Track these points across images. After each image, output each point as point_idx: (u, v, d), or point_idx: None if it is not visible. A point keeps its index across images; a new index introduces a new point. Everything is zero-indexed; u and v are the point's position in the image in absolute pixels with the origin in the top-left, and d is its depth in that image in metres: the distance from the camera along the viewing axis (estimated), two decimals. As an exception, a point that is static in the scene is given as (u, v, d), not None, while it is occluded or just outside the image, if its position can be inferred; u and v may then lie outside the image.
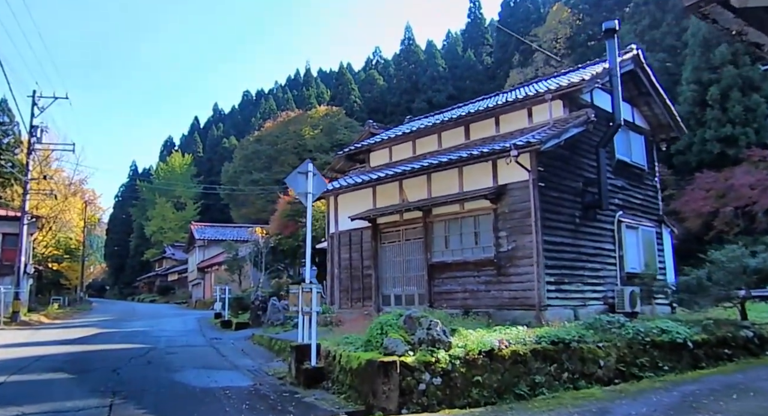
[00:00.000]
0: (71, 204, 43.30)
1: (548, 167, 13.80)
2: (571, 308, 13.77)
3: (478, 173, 14.65)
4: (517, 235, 13.73)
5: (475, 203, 14.62)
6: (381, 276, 17.09)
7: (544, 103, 15.00)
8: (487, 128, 16.42)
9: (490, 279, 14.17)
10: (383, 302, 16.91)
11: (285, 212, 33.48)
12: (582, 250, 14.60)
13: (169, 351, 15.76)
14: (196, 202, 79.16)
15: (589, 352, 10.76)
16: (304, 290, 10.73)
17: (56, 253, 44.41)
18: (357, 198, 17.92)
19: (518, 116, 15.77)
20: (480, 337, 10.04)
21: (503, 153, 13.42)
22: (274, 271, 34.42)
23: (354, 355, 9.65)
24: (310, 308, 10.71)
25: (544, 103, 15.00)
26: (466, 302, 14.48)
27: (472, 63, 69.02)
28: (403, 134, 18.58)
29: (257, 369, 12.82)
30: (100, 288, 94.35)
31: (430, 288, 15.46)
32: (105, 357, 14.55)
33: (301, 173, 11.35)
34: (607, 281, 15.25)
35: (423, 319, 9.64)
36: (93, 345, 17.52)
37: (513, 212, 13.88)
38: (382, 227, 17.18)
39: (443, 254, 15.42)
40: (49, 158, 38.60)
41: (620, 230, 15.85)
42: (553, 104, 14.82)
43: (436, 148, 17.52)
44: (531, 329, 11.16)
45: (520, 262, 13.62)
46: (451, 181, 15.28)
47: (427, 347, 9.30)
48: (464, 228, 15.03)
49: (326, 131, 62.99)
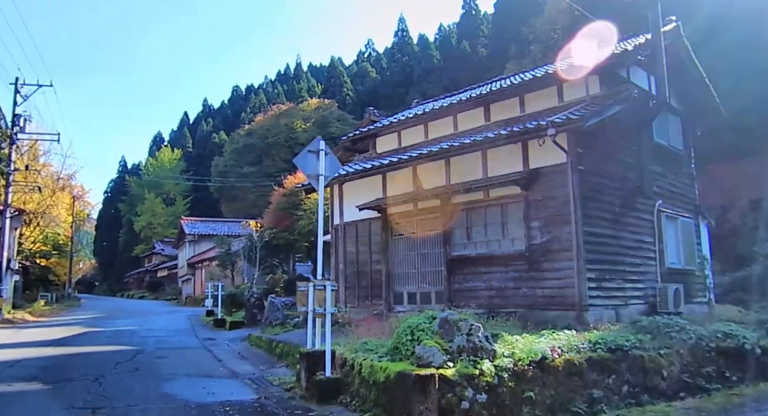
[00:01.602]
0: (59, 199, 42.70)
1: (587, 148, 12.22)
2: (612, 309, 12.22)
3: (505, 156, 13.05)
4: (552, 225, 12.14)
5: (503, 189, 13.02)
6: (392, 272, 15.46)
7: (577, 79, 13.39)
8: (509, 108, 14.80)
9: (521, 275, 12.58)
10: (395, 301, 15.30)
11: (280, 205, 31.76)
12: (622, 243, 13.03)
13: (158, 355, 14.18)
14: (185, 197, 78.34)
15: (650, 361, 9.25)
16: (317, 288, 9.12)
17: (44, 249, 43.49)
18: (365, 186, 16.27)
19: (546, 94, 14.16)
20: (529, 344, 8.46)
21: (537, 132, 11.82)
22: (268, 267, 32.74)
23: (379, 366, 8.05)
24: (324, 309, 9.10)
25: (577, 79, 13.39)
26: (491, 301, 12.88)
27: (467, 55, 67.35)
28: (415, 116, 16.94)
29: (259, 377, 11.24)
30: (90, 284, 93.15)
31: (449, 285, 13.86)
32: (88, 362, 12.92)
33: (311, 152, 9.74)
34: (648, 278, 13.70)
35: (462, 323, 8.07)
36: (76, 347, 15.95)
37: (547, 199, 12.29)
38: (393, 218, 15.55)
39: (465, 248, 13.82)
40: (36, 152, 37.93)
41: (660, 220, 14.30)
42: (590, 80, 13.21)
43: (452, 131, 15.88)
44: (579, 333, 9.61)
45: (556, 256, 12.03)
46: (474, 165, 13.68)
47: (468, 356, 7.75)
48: (489, 218, 13.43)
49: (318, 124, 61.82)
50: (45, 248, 43.58)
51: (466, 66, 66.19)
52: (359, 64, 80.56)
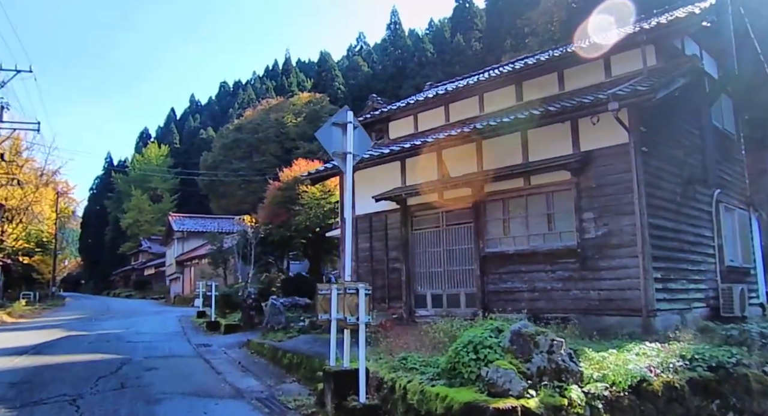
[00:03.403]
0: (43, 195, 41.26)
1: (648, 128, 10.50)
2: (677, 313, 10.54)
3: (550, 137, 11.32)
4: (610, 216, 10.42)
5: (547, 176, 11.29)
6: (413, 271, 13.70)
7: (629, 50, 11.67)
8: (546, 85, 13.04)
9: (571, 275, 10.85)
10: (416, 304, 13.55)
11: (276, 199, 29.74)
12: (683, 237, 11.35)
13: (147, 365, 12.32)
14: (173, 194, 76.79)
15: (757, 381, 7.52)
16: (348, 292, 7.32)
17: (27, 246, 41.98)
18: (380, 174, 14.47)
19: (591, 69, 12.37)
20: (620, 362, 6.73)
21: (594, 107, 10.09)
22: (262, 265, 30.85)
23: (434, 392, 6.29)
24: (356, 319, 7.31)
25: (629, 50, 11.67)
26: (534, 304, 11.16)
27: (461, 48, 65.84)
28: (435, 96, 15.16)
29: (269, 395, 9.42)
30: (75, 283, 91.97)
31: (483, 287, 12.10)
32: (65, 377, 11.00)
33: (336, 126, 7.95)
34: (708, 277, 12.03)
35: (540, 337, 6.34)
36: (54, 356, 14.07)
37: (603, 186, 10.56)
38: (414, 210, 13.79)
39: (501, 243, 12.07)
40: (19, 147, 36.67)
41: (718, 212, 12.63)
42: (647, 50, 11.42)
43: (477, 113, 14.12)
44: (664, 346, 7.90)
45: (614, 252, 10.31)
46: (511, 148, 11.94)
47: (551, 381, 6.02)
48: (531, 209, 11.68)
49: (310, 119, 60.42)
50: (28, 245, 42.12)
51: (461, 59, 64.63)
52: (350, 58, 79.18)
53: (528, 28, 52.02)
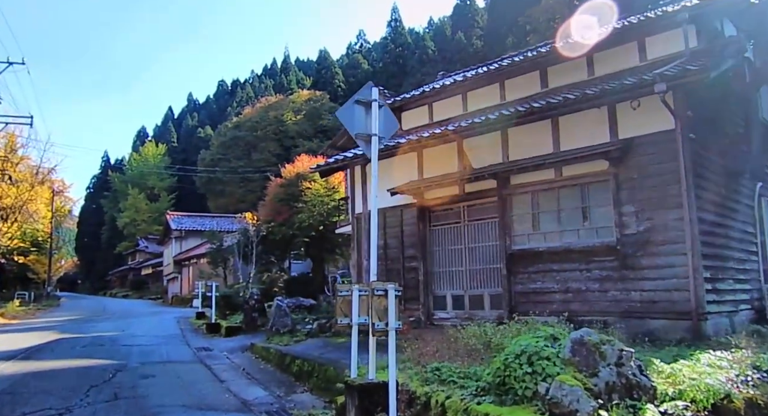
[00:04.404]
0: (38, 194, 40.20)
1: (694, 113, 9.57)
2: (726, 316, 9.62)
3: (584, 123, 10.40)
4: (653, 210, 9.49)
5: (582, 166, 10.34)
6: (431, 270, 12.75)
7: (668, 30, 10.73)
8: (574, 70, 12.08)
9: (609, 274, 9.91)
10: (435, 306, 12.60)
11: (277, 196, 28.71)
12: (729, 233, 10.42)
13: (144, 372, 11.38)
14: (170, 193, 75.72)
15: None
16: (375, 293, 6.38)
17: (22, 246, 41.37)
18: (395, 166, 13.48)
19: (623, 52, 11.42)
20: (695, 375, 5.78)
21: (638, 89, 9.16)
22: (264, 265, 29.82)
23: (481, 411, 5.38)
24: (386, 324, 6.37)
25: (668, 30, 10.73)
26: (568, 306, 10.23)
27: (462, 46, 64.99)
28: (453, 83, 14.21)
29: (279, 408, 8.49)
30: (72, 283, 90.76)
31: (509, 287, 11.15)
32: (53, 386, 10.05)
33: (360, 104, 7.00)
34: (751, 277, 11.11)
35: (606, 347, 5.40)
36: (43, 361, 13.13)
37: (646, 177, 9.62)
38: (432, 204, 12.84)
39: (530, 240, 11.12)
40: (14, 144, 35.70)
41: (761, 206, 11.71)
42: (688, 30, 10.45)
43: (498, 101, 13.17)
44: (732, 354, 6.96)
45: (659, 249, 9.38)
46: (540, 137, 11.00)
47: (621, 398, 5.07)
48: (564, 202, 10.73)
49: (310, 117, 59.78)
50: (23, 244, 41.39)
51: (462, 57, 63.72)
52: (350, 56, 78.26)
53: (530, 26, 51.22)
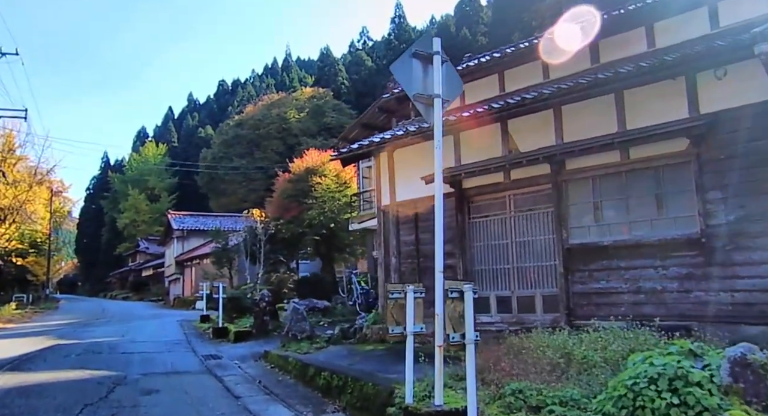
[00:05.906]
0: (36, 194, 39.44)
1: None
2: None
3: (655, 97, 8.97)
4: (747, 196, 8.05)
5: (654, 147, 8.91)
6: (471, 268, 11.30)
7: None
8: (629, 43, 10.66)
9: (691, 271, 8.48)
10: (477, 309, 11.00)
11: (286, 192, 27.33)
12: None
13: (146, 386, 9.98)
14: (171, 194, 74.93)
15: None
16: (450, 296, 4.95)
17: (20, 247, 40.96)
18: (426, 153, 11.98)
19: (689, 19, 9.99)
20: None
21: (733, 53, 7.72)
22: (272, 264, 28.43)
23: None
24: (461, 336, 4.94)
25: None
26: (639, 309, 8.80)
27: (468, 42, 63.71)
28: (487, 61, 12.81)
29: (311, 436, 7.01)
30: (72, 284, 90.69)
31: (567, 287, 9.70)
32: (40, 404, 8.61)
33: (418, 57, 5.58)
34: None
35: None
36: (33, 373, 11.73)
37: (735, 157, 8.19)
38: (471, 194, 11.43)
39: (591, 233, 9.68)
40: (12, 144, 35.12)
41: None
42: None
43: (541, 80, 11.75)
44: None
45: (755, 242, 7.94)
46: (601, 115, 9.58)
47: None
48: (632, 189, 9.29)
49: (313, 114, 59.08)
50: (21, 246, 40.91)
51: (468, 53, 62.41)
52: (353, 53, 77.30)
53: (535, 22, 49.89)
